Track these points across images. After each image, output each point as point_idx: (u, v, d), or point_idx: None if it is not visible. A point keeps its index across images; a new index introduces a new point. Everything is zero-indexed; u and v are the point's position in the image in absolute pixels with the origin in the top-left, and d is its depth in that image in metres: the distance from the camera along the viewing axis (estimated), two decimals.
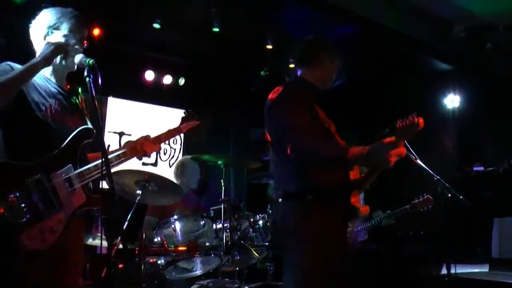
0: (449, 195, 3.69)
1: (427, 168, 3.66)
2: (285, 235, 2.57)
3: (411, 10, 5.42)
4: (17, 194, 2.16)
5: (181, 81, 6.51)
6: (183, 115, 3.15)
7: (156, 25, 5.27)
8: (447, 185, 3.70)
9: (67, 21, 2.45)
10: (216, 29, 5.28)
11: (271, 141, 2.66)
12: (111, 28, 5.29)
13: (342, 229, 2.64)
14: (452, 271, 3.71)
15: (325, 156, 2.38)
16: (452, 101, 6.54)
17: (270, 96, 2.67)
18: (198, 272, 3.75)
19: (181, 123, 3.11)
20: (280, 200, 2.65)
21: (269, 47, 5.78)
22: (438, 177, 3.72)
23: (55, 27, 2.44)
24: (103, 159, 2.12)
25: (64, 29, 2.44)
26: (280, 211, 2.68)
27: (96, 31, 5.13)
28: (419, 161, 3.58)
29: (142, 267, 3.40)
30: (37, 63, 2.29)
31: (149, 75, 6.32)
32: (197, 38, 5.81)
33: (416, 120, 2.22)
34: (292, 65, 6.30)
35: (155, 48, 6.15)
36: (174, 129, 3.02)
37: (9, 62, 2.36)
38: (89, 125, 2.50)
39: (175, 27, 5.49)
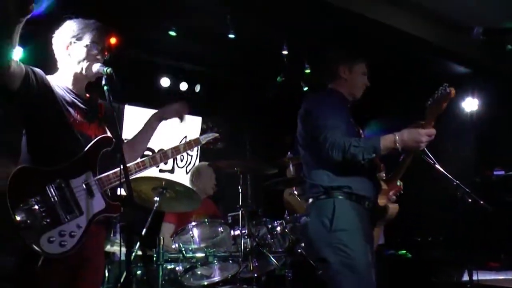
0: (469, 200, 3.64)
1: (446, 173, 3.62)
2: (320, 234, 2.63)
3: (428, 14, 5.38)
4: (38, 199, 2.19)
5: (197, 88, 6.53)
6: (204, 126, 3.15)
7: (172, 33, 5.30)
8: (467, 189, 3.66)
9: (90, 32, 2.49)
10: (231, 36, 5.29)
11: (305, 143, 2.90)
12: (127, 36, 5.33)
13: (369, 228, 2.72)
14: (474, 277, 3.65)
15: (359, 148, 2.52)
16: (470, 104, 6.46)
17: (305, 102, 2.92)
18: (216, 278, 3.74)
19: (201, 135, 3.10)
20: (311, 200, 2.78)
21: (285, 53, 5.77)
22: (457, 181, 3.68)
23: (77, 38, 2.48)
24: (122, 167, 2.14)
25: (87, 39, 2.48)
26: (313, 212, 2.74)
27: (113, 40, 5.17)
28: (437, 166, 3.54)
29: (161, 273, 3.41)
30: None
31: (165, 82, 6.35)
32: (212, 45, 5.83)
33: (447, 89, 2.29)
34: (308, 70, 6.32)
35: (171, 55, 6.18)
36: (193, 140, 3.01)
37: (34, 68, 2.40)
38: (108, 134, 2.53)
39: (190, 34, 5.51)
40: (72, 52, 2.48)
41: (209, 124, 3.14)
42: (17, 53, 4.67)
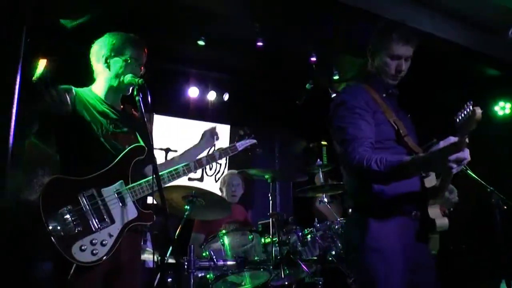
0: (505, 207, 3.55)
1: (479, 179, 3.54)
2: (348, 248, 2.50)
3: (458, 16, 5.30)
4: (69, 208, 2.24)
5: (226, 97, 6.57)
6: (240, 133, 3.09)
7: (201, 42, 5.35)
8: (502, 196, 3.57)
9: (130, 48, 2.55)
10: (260, 44, 5.31)
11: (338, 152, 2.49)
12: (156, 46, 5.41)
13: (413, 241, 2.35)
14: None
15: (369, 171, 2.18)
16: (502, 108, 6.32)
17: (332, 105, 2.54)
18: (247, 286, 3.73)
19: (237, 142, 3.04)
20: (350, 211, 2.59)
21: (313, 59, 5.77)
22: (491, 188, 3.60)
23: (117, 52, 2.53)
24: (154, 176, 2.17)
25: (126, 54, 2.54)
26: (347, 223, 2.60)
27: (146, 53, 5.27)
28: (470, 172, 3.47)
29: (192, 281, 3.42)
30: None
31: (193, 92, 6.40)
32: (241, 53, 5.86)
33: (471, 109, 1.94)
34: (336, 77, 6.29)
35: (199, 64, 6.23)
36: (229, 147, 2.95)
37: (66, 85, 2.48)
38: (141, 143, 2.56)
39: (219, 43, 5.55)
40: (111, 65, 2.54)
41: (246, 130, 3.09)
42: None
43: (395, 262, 2.26)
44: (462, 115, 1.98)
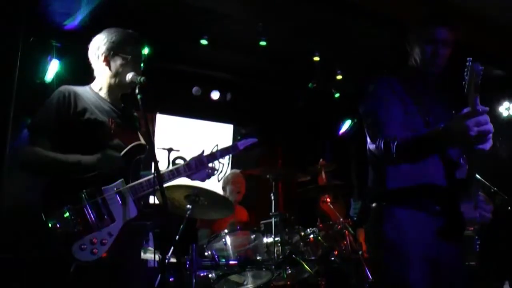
0: (509, 207, 3.54)
1: (483, 180, 3.52)
2: (368, 243, 2.45)
3: (463, 15, 5.27)
4: (70, 207, 2.23)
5: (228, 96, 6.56)
6: (242, 131, 3.08)
7: (204, 41, 5.35)
8: (505, 197, 3.55)
9: (129, 45, 2.51)
10: (263, 43, 5.30)
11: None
12: (158, 45, 5.42)
13: (433, 241, 2.19)
14: None
15: (388, 148, 2.11)
16: (507, 108, 6.29)
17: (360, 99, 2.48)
18: (249, 286, 3.73)
19: (239, 141, 2.96)
20: (373, 205, 2.40)
21: (316, 59, 5.75)
22: (495, 189, 3.58)
23: (116, 49, 2.49)
24: (155, 174, 2.16)
25: (126, 52, 2.50)
26: (370, 218, 2.40)
27: (145, 50, 5.26)
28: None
29: (194, 280, 3.41)
30: (85, 166, 2.30)
31: (197, 91, 6.40)
32: (244, 53, 5.85)
33: (469, 64, 1.83)
34: (339, 77, 6.27)
35: (202, 64, 6.23)
36: (231, 146, 2.89)
37: (65, 88, 2.46)
38: (142, 141, 2.55)
39: (222, 42, 5.55)
40: (110, 63, 2.51)
41: (248, 129, 3.06)
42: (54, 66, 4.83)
43: (411, 260, 2.14)
44: (466, 75, 1.88)
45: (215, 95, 6.52)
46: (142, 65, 2.57)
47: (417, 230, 2.17)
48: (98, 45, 2.53)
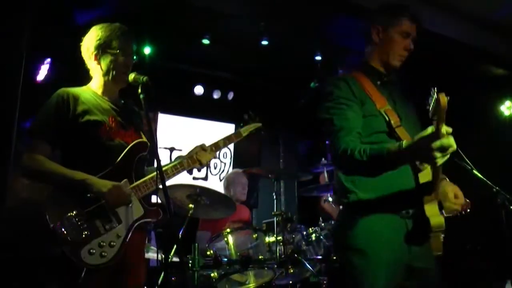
0: (511, 207, 3.53)
1: (485, 179, 3.51)
2: (335, 248, 2.43)
3: (464, 15, 5.27)
4: (75, 212, 2.23)
5: (230, 96, 6.56)
6: (245, 117, 2.99)
7: (205, 41, 5.35)
8: (507, 196, 3.55)
9: (116, 39, 2.48)
10: (265, 42, 5.30)
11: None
12: (160, 44, 5.42)
13: (401, 246, 2.15)
14: None
15: (352, 161, 2.03)
16: (508, 108, 6.28)
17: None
18: (251, 285, 3.73)
19: (242, 127, 2.94)
20: (340, 208, 2.38)
21: (318, 58, 5.75)
22: (497, 188, 3.57)
23: (104, 46, 2.47)
24: (158, 173, 2.15)
25: (114, 47, 2.47)
26: (336, 222, 2.45)
27: (147, 50, 5.28)
28: (475, 171, 3.44)
29: (196, 279, 3.42)
30: (73, 183, 2.29)
31: (198, 90, 6.40)
32: (245, 52, 5.85)
33: (436, 96, 1.72)
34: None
35: (204, 63, 6.23)
36: (234, 134, 2.87)
37: (63, 90, 2.46)
38: (144, 139, 2.55)
39: (224, 41, 5.55)
40: (100, 61, 2.50)
41: (251, 114, 3.00)
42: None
43: (380, 266, 2.10)
44: (431, 102, 1.79)
45: (216, 94, 6.52)
46: (134, 57, 2.54)
47: (387, 235, 2.14)
48: (88, 45, 2.52)
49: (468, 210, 2.32)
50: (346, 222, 2.22)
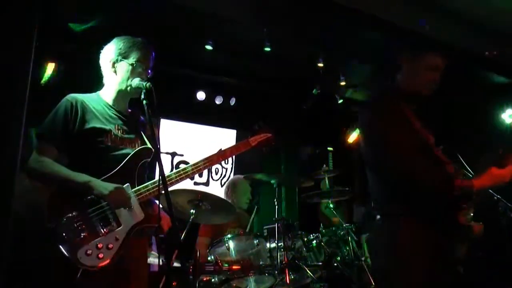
0: None
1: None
2: (377, 255, 2.46)
3: (467, 23, 5.28)
4: (75, 213, 2.25)
5: (232, 102, 6.57)
6: (255, 127, 2.97)
7: (208, 47, 5.36)
8: (509, 204, 3.55)
9: (136, 51, 2.55)
10: (267, 49, 5.32)
11: (366, 159, 2.47)
12: (163, 50, 5.43)
13: (444, 252, 2.32)
14: None
15: (426, 185, 2.20)
16: (510, 116, 6.28)
17: (366, 111, 2.49)
18: None
19: (251, 137, 2.92)
20: (378, 217, 2.44)
21: (321, 65, 5.77)
22: (498, 196, 3.57)
23: (124, 56, 2.55)
24: (160, 178, 2.17)
25: (132, 58, 2.54)
26: (374, 231, 2.49)
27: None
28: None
29: (196, 285, 3.42)
30: (76, 185, 2.33)
31: (201, 96, 6.42)
32: (248, 57, 5.87)
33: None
34: (343, 83, 6.28)
35: (207, 69, 6.25)
36: (242, 143, 2.86)
37: (72, 96, 2.49)
38: (148, 145, 2.57)
39: (226, 48, 5.57)
40: (117, 69, 2.55)
41: (260, 123, 2.95)
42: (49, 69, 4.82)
43: (419, 274, 2.22)
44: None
45: (219, 100, 6.53)
46: (150, 71, 2.60)
47: (426, 245, 2.24)
48: (108, 53, 2.58)
49: None
50: (387, 231, 2.33)
